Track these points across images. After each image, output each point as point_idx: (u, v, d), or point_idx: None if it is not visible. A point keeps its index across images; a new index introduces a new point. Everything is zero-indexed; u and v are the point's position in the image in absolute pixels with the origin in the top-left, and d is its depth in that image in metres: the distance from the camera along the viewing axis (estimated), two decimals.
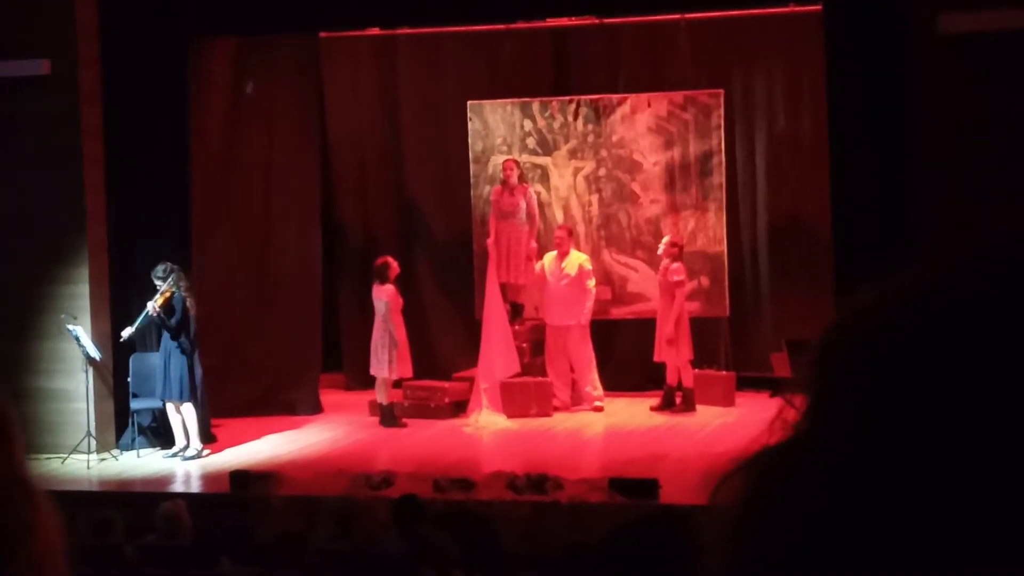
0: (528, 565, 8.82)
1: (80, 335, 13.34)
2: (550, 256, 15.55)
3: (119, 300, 13.96)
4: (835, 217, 13.11)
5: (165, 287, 13.31)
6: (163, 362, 13.36)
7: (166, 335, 13.40)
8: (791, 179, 16.07)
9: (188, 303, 13.40)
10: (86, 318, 13.59)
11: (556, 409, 15.20)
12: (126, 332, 13.53)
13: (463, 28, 16.09)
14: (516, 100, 16.45)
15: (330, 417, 15.43)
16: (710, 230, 15.94)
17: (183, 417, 13.45)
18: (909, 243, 12.02)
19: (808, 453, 0.86)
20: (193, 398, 13.41)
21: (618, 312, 16.23)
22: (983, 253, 0.89)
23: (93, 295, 13.70)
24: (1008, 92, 11.92)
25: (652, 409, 15.15)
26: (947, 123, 12.03)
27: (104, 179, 13.91)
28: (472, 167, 16.52)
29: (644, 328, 15.66)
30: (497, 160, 16.28)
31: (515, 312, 15.79)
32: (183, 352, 13.34)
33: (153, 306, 13.27)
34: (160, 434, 13.91)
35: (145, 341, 13.94)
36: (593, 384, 15.39)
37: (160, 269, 13.38)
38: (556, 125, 16.34)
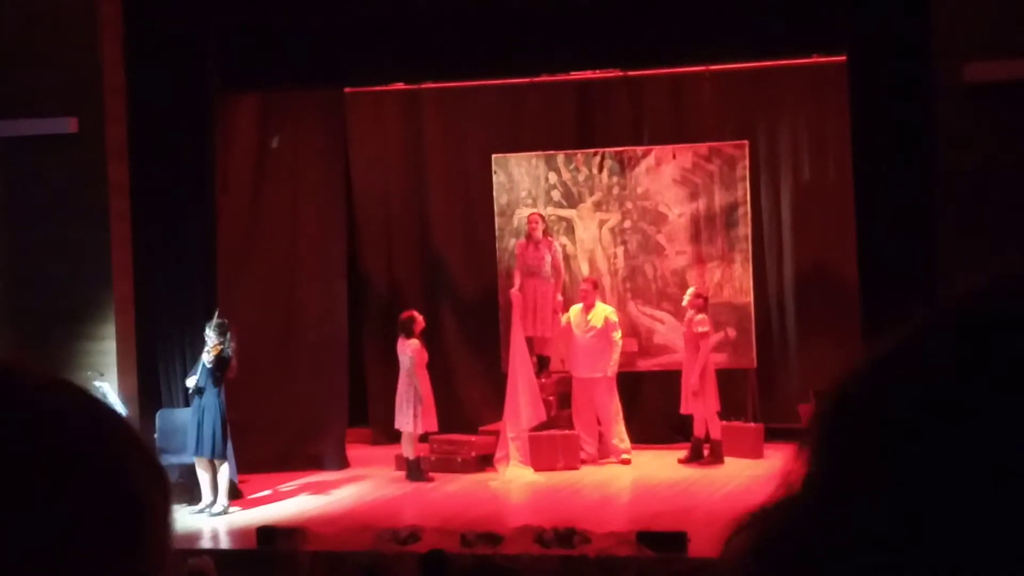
0: None
1: (107, 392, 13.34)
2: (576, 309, 15.53)
3: (146, 356, 13.98)
4: (861, 267, 13.08)
5: (215, 341, 13.34)
6: (197, 418, 13.35)
7: (202, 391, 13.40)
8: (817, 229, 16.04)
9: (233, 363, 13.46)
10: (113, 374, 13.60)
11: (583, 462, 15.15)
12: (191, 381, 13.53)
13: (487, 82, 16.15)
14: (541, 153, 16.48)
15: (356, 472, 15.39)
16: (736, 281, 15.91)
17: (213, 474, 13.44)
18: (936, 292, 11.95)
19: (812, 512, 0.87)
20: (224, 455, 13.43)
21: (645, 364, 16.19)
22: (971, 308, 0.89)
23: (120, 351, 13.73)
24: None
25: (680, 461, 15.08)
26: (972, 172, 12.00)
27: (130, 234, 13.97)
28: (497, 220, 16.55)
29: (671, 380, 15.61)
30: (522, 213, 16.30)
31: (541, 365, 15.76)
32: (217, 409, 13.35)
33: (209, 358, 13.32)
34: (187, 490, 13.88)
35: (172, 397, 13.94)
36: (620, 436, 15.34)
37: (216, 323, 13.43)
38: (581, 178, 16.36)
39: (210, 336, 13.38)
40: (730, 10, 13.32)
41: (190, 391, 13.58)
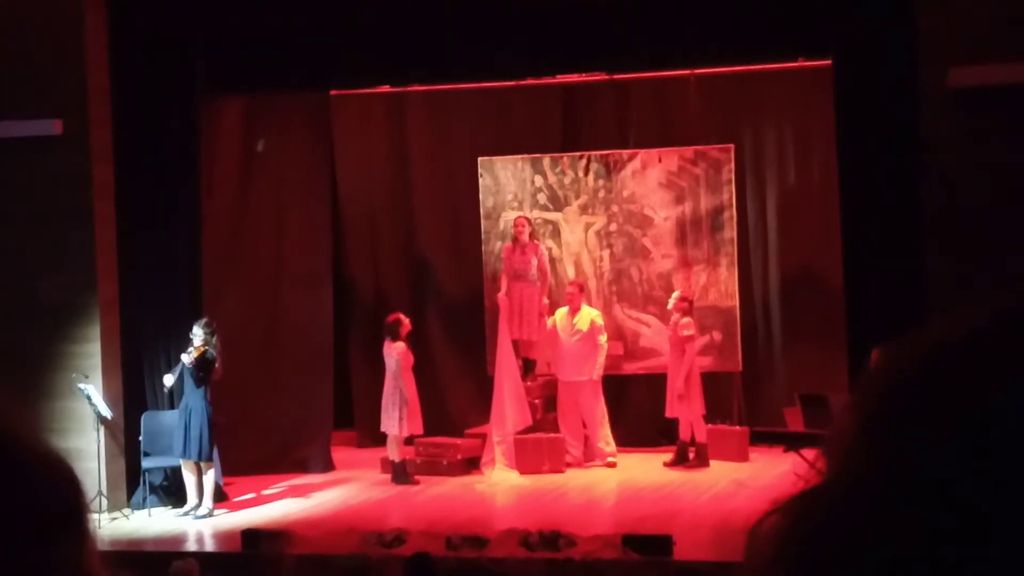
0: None
1: (91, 394, 13.33)
2: (562, 312, 15.54)
3: (130, 358, 13.96)
4: (847, 270, 13.10)
5: (200, 342, 13.32)
6: (184, 420, 13.33)
7: (187, 393, 13.38)
8: (802, 233, 16.06)
9: (217, 364, 13.43)
10: (97, 377, 13.58)
11: (569, 465, 15.15)
12: (168, 380, 13.52)
13: (473, 85, 16.15)
14: (527, 156, 16.48)
15: (342, 475, 15.38)
16: (722, 284, 15.92)
17: (199, 476, 13.42)
18: (921, 296, 11.99)
19: (863, 496, 0.87)
20: (211, 457, 13.41)
21: (630, 367, 16.19)
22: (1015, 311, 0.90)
23: (104, 353, 13.70)
24: (1018, 145, 11.92)
25: (665, 465, 15.09)
26: (957, 175, 12.03)
27: (115, 237, 13.95)
28: (483, 223, 16.53)
29: (657, 383, 15.61)
30: (508, 216, 16.29)
31: (527, 368, 15.76)
32: (203, 411, 13.32)
33: (189, 359, 13.29)
34: (171, 493, 13.88)
35: (156, 399, 13.92)
36: (606, 440, 15.34)
37: (203, 322, 13.41)
38: (567, 181, 16.36)
39: (197, 334, 13.35)
40: (715, 14, 13.33)
41: (166, 388, 13.58)
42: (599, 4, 13.66)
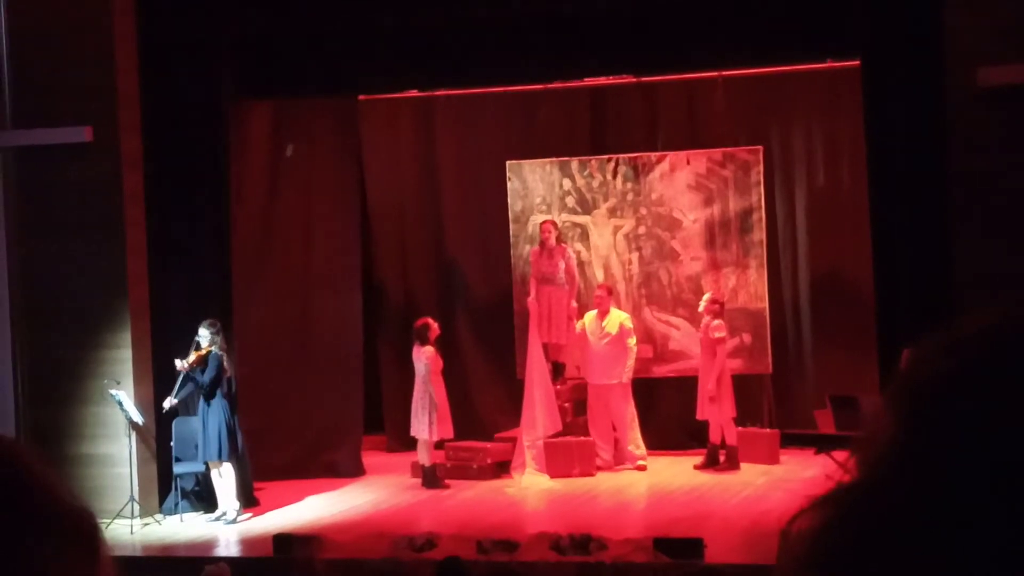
0: None
1: (123, 400, 13.37)
2: (591, 315, 15.53)
3: (161, 364, 13.99)
4: (877, 272, 13.05)
5: (205, 345, 13.33)
6: (201, 422, 13.36)
7: (201, 396, 13.39)
8: (832, 234, 16.02)
9: (226, 363, 13.42)
10: (128, 382, 13.62)
11: (599, 468, 15.14)
12: (167, 402, 13.52)
13: (501, 88, 16.15)
14: (555, 159, 16.48)
15: (372, 479, 15.40)
16: (751, 287, 15.89)
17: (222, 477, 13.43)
18: (950, 297, 11.94)
19: (891, 497, 0.87)
20: (233, 457, 13.39)
21: (660, 370, 16.17)
22: None
23: (135, 359, 13.74)
24: None
25: (696, 467, 15.06)
26: (986, 176, 11.98)
27: (145, 243, 13.99)
28: (512, 227, 16.54)
29: (686, 386, 15.59)
30: (536, 220, 16.29)
31: (557, 371, 15.74)
32: (220, 411, 13.32)
33: (183, 364, 13.28)
34: (203, 498, 13.90)
35: (188, 406, 13.96)
36: (636, 443, 15.32)
37: (207, 323, 13.41)
38: (595, 184, 16.35)
39: (203, 336, 13.35)
40: (743, 15, 13.31)
41: (164, 410, 13.54)
42: (626, 6, 13.65)
